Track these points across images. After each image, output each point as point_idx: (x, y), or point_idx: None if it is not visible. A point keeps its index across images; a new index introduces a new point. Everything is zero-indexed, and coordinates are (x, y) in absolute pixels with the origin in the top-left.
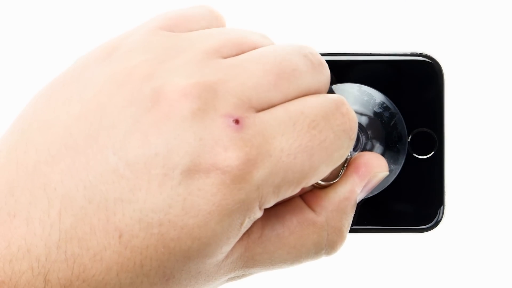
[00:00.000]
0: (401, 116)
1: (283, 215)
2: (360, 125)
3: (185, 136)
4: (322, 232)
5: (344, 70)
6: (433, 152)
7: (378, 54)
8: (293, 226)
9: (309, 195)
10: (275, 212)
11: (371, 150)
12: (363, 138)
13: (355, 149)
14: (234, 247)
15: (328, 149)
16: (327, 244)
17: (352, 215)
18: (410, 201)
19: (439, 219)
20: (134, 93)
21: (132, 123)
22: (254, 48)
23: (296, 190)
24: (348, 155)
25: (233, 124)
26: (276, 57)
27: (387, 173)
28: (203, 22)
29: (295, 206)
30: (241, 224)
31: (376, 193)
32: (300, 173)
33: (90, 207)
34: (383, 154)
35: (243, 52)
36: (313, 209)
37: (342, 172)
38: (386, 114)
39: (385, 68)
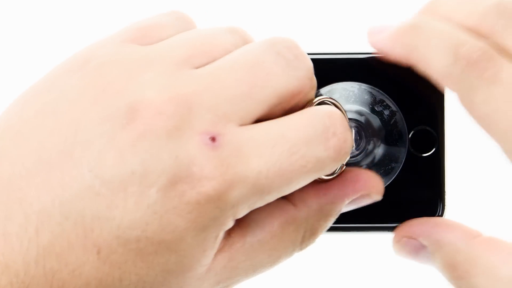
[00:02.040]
0: (401, 114)
1: (263, 220)
2: (360, 123)
3: (161, 155)
4: (300, 229)
5: (344, 68)
6: (433, 150)
7: (378, 53)
8: (274, 229)
9: (296, 193)
10: (255, 218)
11: (371, 148)
12: (363, 137)
13: (358, 147)
14: (216, 259)
15: (310, 172)
16: (301, 242)
17: (331, 223)
18: (410, 199)
19: (439, 217)
20: (108, 109)
21: (107, 140)
22: (225, 52)
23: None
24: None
25: (210, 142)
26: (247, 62)
27: (380, 197)
28: (171, 29)
29: (274, 207)
30: (216, 237)
31: None
32: (277, 192)
33: (67, 224)
34: (383, 152)
35: (214, 59)
36: (294, 203)
37: (338, 170)
38: (386, 112)
39: (385, 66)
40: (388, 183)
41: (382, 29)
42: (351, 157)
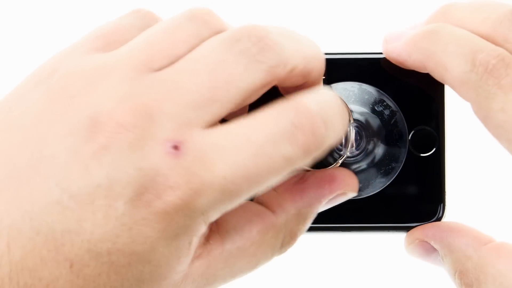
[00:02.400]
0: (402, 114)
1: (241, 227)
2: (360, 123)
3: (125, 167)
4: (279, 235)
5: (344, 68)
6: (433, 150)
7: (378, 53)
8: (253, 236)
9: (271, 196)
10: (234, 225)
11: (371, 148)
12: (364, 137)
13: (359, 147)
14: (194, 266)
15: (279, 172)
16: (280, 246)
17: (309, 224)
18: (410, 199)
19: (439, 217)
20: (71, 123)
21: (72, 154)
22: (187, 47)
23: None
24: (343, 153)
25: (172, 150)
26: (208, 64)
27: (356, 194)
28: (134, 30)
29: (253, 214)
30: (190, 243)
31: (377, 191)
32: (247, 194)
33: (39, 239)
34: (384, 152)
35: (176, 57)
36: (273, 210)
37: (335, 165)
38: (387, 112)
39: (386, 66)
40: (388, 183)
41: (398, 37)
42: (351, 157)
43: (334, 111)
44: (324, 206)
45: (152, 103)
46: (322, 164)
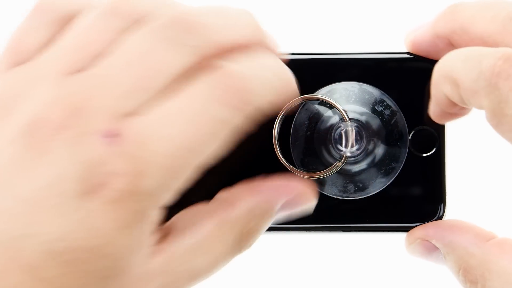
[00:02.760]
0: (402, 114)
1: (198, 222)
2: (361, 123)
3: (67, 164)
4: (235, 228)
5: (345, 68)
6: (434, 150)
7: (378, 53)
8: (210, 230)
9: (230, 192)
10: (190, 220)
11: (372, 148)
12: (364, 137)
13: (359, 147)
14: (154, 262)
15: (212, 135)
16: (238, 242)
17: (267, 224)
18: (411, 199)
19: (440, 217)
20: (10, 134)
21: (16, 162)
22: (110, 43)
23: (195, 176)
24: (343, 153)
25: (110, 139)
26: (135, 55)
27: (314, 203)
28: (44, 32)
29: (209, 209)
30: (146, 230)
31: (378, 191)
32: (192, 168)
33: None
34: (384, 152)
35: (101, 54)
36: (229, 203)
37: (336, 165)
38: (387, 112)
39: (386, 66)
40: (388, 183)
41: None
42: (351, 157)
43: (264, 70)
44: (282, 212)
45: (83, 101)
46: (323, 164)
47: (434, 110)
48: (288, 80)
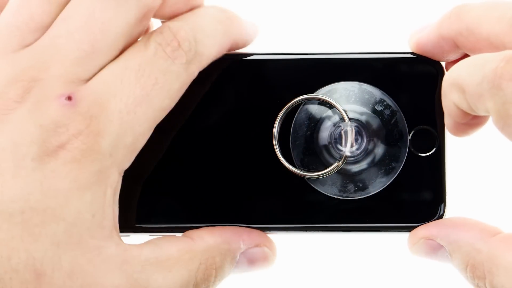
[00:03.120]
0: (402, 114)
1: (162, 244)
2: (361, 123)
3: (26, 128)
4: (196, 259)
5: (345, 68)
6: (434, 150)
7: (378, 52)
8: (171, 252)
9: (193, 231)
10: (155, 242)
11: (372, 148)
12: (364, 136)
13: (359, 147)
14: (110, 250)
15: (164, 87)
16: (198, 275)
17: (228, 267)
18: (411, 198)
19: (440, 217)
20: None
21: None
22: (52, 14)
23: (152, 130)
24: (343, 153)
25: (67, 102)
26: (80, 20)
27: (274, 257)
28: None
29: (175, 239)
30: (104, 195)
31: (378, 191)
32: (147, 121)
33: None
34: (384, 152)
35: (46, 26)
36: (193, 238)
37: (336, 165)
38: (387, 112)
39: (386, 66)
40: (388, 183)
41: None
42: (351, 157)
43: (205, 18)
44: (245, 264)
45: (38, 72)
46: (323, 164)
47: (448, 123)
48: (229, 21)
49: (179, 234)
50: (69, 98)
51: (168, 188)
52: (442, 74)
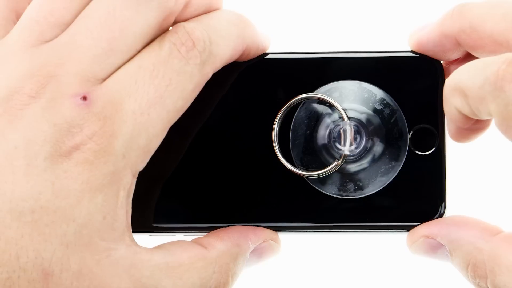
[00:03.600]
0: (402, 113)
1: (174, 250)
2: (360, 122)
3: (39, 126)
4: (209, 268)
5: (344, 67)
6: (434, 148)
7: (378, 51)
8: (183, 259)
9: (202, 238)
10: (167, 247)
11: (371, 147)
12: (364, 135)
13: (358, 146)
14: (119, 254)
15: (178, 88)
16: (212, 283)
17: (241, 268)
18: (411, 198)
19: (440, 216)
20: None
21: None
22: (74, 12)
23: (166, 131)
24: (342, 152)
25: (81, 101)
26: (99, 18)
27: (279, 246)
28: (6, 5)
29: (186, 245)
30: (117, 197)
31: (377, 190)
32: (161, 122)
33: None
34: (384, 151)
35: (67, 24)
36: (204, 246)
37: (336, 164)
38: (387, 111)
39: (386, 65)
40: (388, 182)
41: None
42: (351, 156)
43: (220, 21)
44: (254, 258)
45: (55, 68)
46: (323, 163)
47: (450, 129)
48: (244, 25)
49: (179, 234)
50: (84, 98)
51: (167, 188)
52: (442, 72)
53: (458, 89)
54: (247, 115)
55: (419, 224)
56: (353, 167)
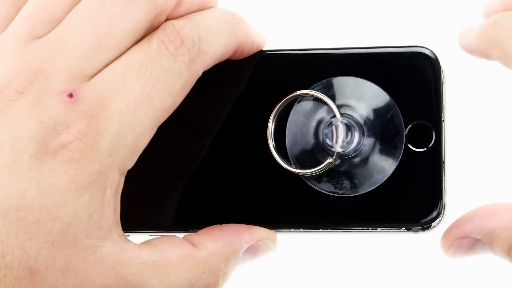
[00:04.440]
0: (398, 109)
1: (163, 247)
2: (354, 118)
3: (25, 123)
4: (198, 268)
5: (340, 63)
6: (431, 145)
7: (374, 47)
8: (171, 258)
9: (194, 236)
10: (156, 244)
11: (367, 144)
12: (359, 132)
13: (350, 144)
14: (107, 250)
15: (165, 86)
16: (201, 284)
17: (232, 269)
18: (408, 196)
19: (438, 214)
20: None
21: None
22: (65, 8)
23: (154, 129)
24: (334, 150)
25: (68, 99)
26: (88, 14)
27: (275, 244)
28: (6, 4)
29: (176, 242)
30: (103, 195)
31: (374, 187)
32: (148, 121)
33: None
34: (379, 148)
35: (58, 21)
36: (195, 246)
37: (328, 162)
38: (383, 107)
39: (382, 60)
40: (384, 180)
41: (469, 29)
42: (345, 154)
43: (211, 18)
44: (249, 256)
45: (44, 64)
46: (319, 161)
47: (466, 48)
48: (236, 22)
49: (178, 234)
50: (71, 95)
51: (161, 187)
52: (439, 67)
53: (504, 48)
54: (243, 113)
55: (418, 223)
56: (348, 165)
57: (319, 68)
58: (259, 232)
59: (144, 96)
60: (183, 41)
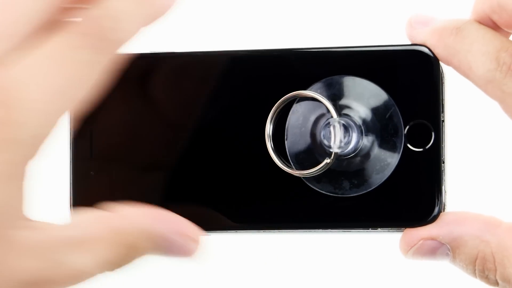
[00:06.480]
0: (397, 109)
1: (81, 223)
2: (352, 118)
3: None
4: (118, 241)
5: (339, 62)
6: (430, 144)
7: (373, 46)
8: (91, 233)
9: (118, 210)
10: (75, 221)
11: (366, 144)
12: (358, 132)
13: (348, 144)
14: (25, 236)
15: (81, 77)
16: (119, 256)
17: (149, 250)
18: (407, 195)
19: (437, 214)
20: None
21: None
22: None
23: (67, 121)
24: (331, 150)
25: None
26: None
27: (197, 245)
28: None
29: (96, 218)
30: (11, 185)
31: (373, 187)
32: (62, 113)
33: None
34: (379, 147)
35: None
36: (115, 217)
37: (326, 163)
38: (382, 106)
39: (381, 60)
40: (384, 179)
41: (425, 22)
42: (344, 154)
43: (122, 5)
44: (165, 252)
45: None
46: (318, 161)
47: (417, 42)
48: (148, 5)
49: None
50: None
51: (157, 186)
52: (438, 66)
53: (465, 60)
54: (242, 114)
55: (417, 223)
56: (347, 165)
57: (318, 68)
58: (182, 225)
59: (60, 87)
60: (96, 33)
